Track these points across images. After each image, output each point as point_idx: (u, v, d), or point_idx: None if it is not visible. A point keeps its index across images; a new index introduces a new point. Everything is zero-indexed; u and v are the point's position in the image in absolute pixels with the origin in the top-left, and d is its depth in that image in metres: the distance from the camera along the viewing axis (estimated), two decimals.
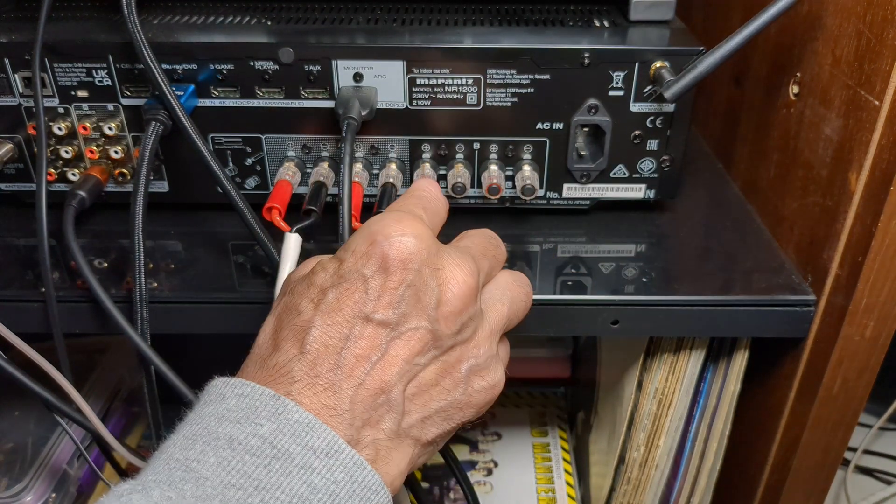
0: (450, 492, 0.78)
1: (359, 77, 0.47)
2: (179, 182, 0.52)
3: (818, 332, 0.47)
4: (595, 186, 0.52)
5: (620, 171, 0.51)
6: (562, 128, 0.49)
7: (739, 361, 0.53)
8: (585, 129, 0.50)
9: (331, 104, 0.48)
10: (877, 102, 0.40)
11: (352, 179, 0.47)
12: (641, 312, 0.47)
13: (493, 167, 0.50)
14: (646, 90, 0.48)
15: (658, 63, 0.46)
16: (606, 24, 0.51)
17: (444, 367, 0.34)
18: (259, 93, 0.48)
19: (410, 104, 0.48)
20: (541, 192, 0.52)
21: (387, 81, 0.47)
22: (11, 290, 0.46)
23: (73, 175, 0.50)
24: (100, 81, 0.48)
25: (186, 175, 0.51)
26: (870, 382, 0.47)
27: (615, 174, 0.51)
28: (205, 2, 0.55)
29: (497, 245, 0.40)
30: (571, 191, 0.52)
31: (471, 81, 0.47)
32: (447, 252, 0.35)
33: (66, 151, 0.49)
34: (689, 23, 0.61)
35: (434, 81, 0.47)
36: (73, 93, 0.48)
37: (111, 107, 0.49)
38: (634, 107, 0.48)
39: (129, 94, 0.48)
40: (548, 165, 0.50)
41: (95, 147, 0.49)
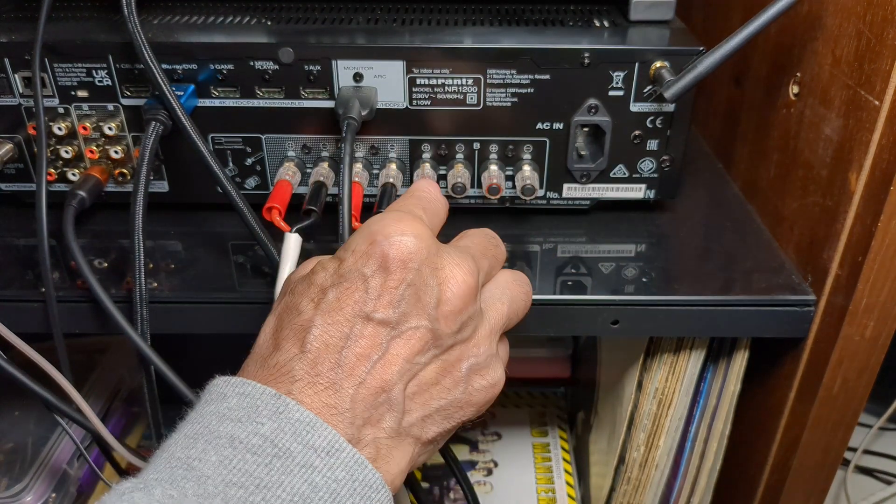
0: (450, 492, 0.78)
1: (359, 77, 0.47)
2: (179, 182, 0.52)
3: (818, 332, 0.47)
4: (595, 186, 0.52)
5: (620, 171, 0.51)
6: (562, 128, 0.49)
7: (739, 361, 0.53)
8: (585, 129, 0.50)
9: (331, 104, 0.48)
10: (877, 102, 0.40)
11: (352, 179, 0.47)
12: (641, 312, 0.47)
13: (493, 167, 0.50)
14: (646, 90, 0.48)
15: (658, 63, 0.46)
16: (606, 24, 0.51)
17: (445, 366, 0.34)
18: (259, 93, 0.48)
19: (410, 104, 0.48)
20: (541, 192, 0.52)
21: (387, 81, 0.47)
22: (11, 290, 0.46)
23: (73, 175, 0.50)
24: (100, 81, 0.48)
25: (186, 175, 0.51)
26: (870, 382, 0.47)
27: (615, 174, 0.51)
28: (205, 2, 0.55)
29: (497, 244, 0.40)
30: (571, 191, 0.52)
31: (471, 81, 0.47)
32: (447, 251, 0.35)
33: (66, 151, 0.49)
34: (689, 23, 0.61)
35: (434, 81, 0.47)
36: (73, 93, 0.48)
37: (111, 107, 0.49)
38: (634, 107, 0.48)
39: (129, 94, 0.48)
40: (548, 165, 0.50)
41: (95, 147, 0.49)
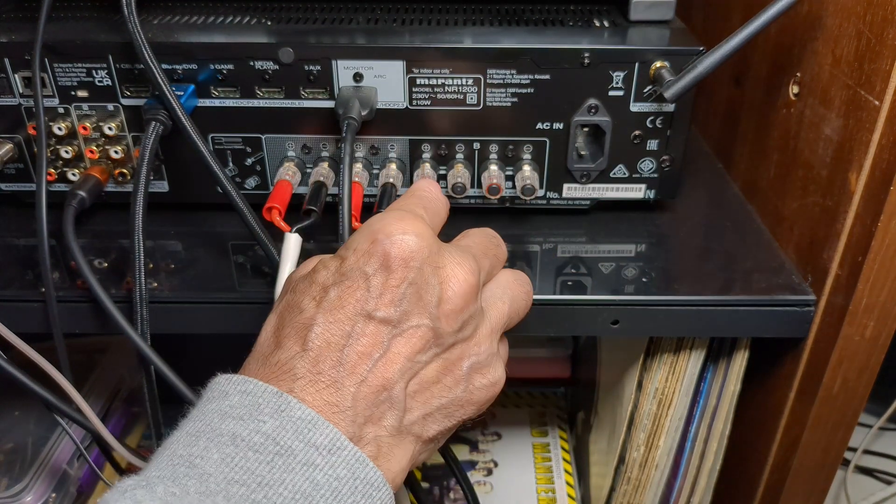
0: (450, 492, 0.78)
1: (359, 77, 0.47)
2: (179, 182, 0.52)
3: (818, 332, 0.47)
4: (595, 186, 0.52)
5: (620, 171, 0.51)
6: (562, 128, 0.49)
7: (739, 361, 0.53)
8: (585, 129, 0.50)
9: (331, 104, 0.48)
10: (877, 102, 0.40)
11: (352, 179, 0.47)
12: (641, 312, 0.47)
13: (493, 167, 0.50)
14: (646, 90, 0.48)
15: (658, 63, 0.46)
16: (606, 24, 0.51)
17: (446, 365, 0.34)
18: (259, 93, 0.48)
19: (410, 104, 0.48)
20: (541, 192, 0.52)
21: (387, 81, 0.47)
22: (11, 290, 0.46)
23: (73, 175, 0.50)
24: (100, 81, 0.48)
25: (186, 175, 0.51)
26: (870, 382, 0.47)
27: (615, 174, 0.51)
28: (205, 2, 0.55)
29: (498, 244, 0.40)
30: (571, 191, 0.52)
31: (471, 81, 0.47)
32: (448, 250, 0.35)
33: (66, 151, 0.49)
34: (689, 23, 0.61)
35: (434, 81, 0.47)
36: (73, 93, 0.48)
37: (111, 107, 0.49)
38: (634, 107, 0.48)
39: (129, 94, 0.48)
40: (548, 165, 0.50)
41: (95, 147, 0.49)
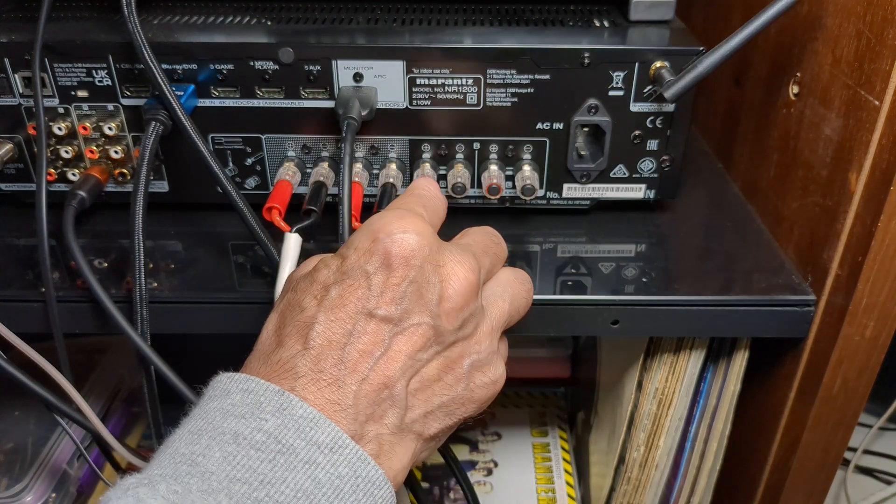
0: (450, 492, 0.78)
1: (359, 77, 0.47)
2: (179, 182, 0.52)
3: (818, 332, 0.47)
4: (595, 186, 0.52)
5: (620, 171, 0.51)
6: (562, 128, 0.49)
7: (739, 361, 0.53)
8: (585, 129, 0.50)
9: (331, 104, 0.48)
10: (877, 102, 0.40)
11: (352, 179, 0.47)
12: (641, 312, 0.47)
13: (493, 167, 0.50)
14: (646, 90, 0.48)
15: (658, 63, 0.46)
16: (606, 24, 0.51)
17: (447, 363, 0.35)
18: (259, 93, 0.48)
19: (410, 104, 0.48)
20: (541, 192, 0.52)
21: (387, 81, 0.47)
22: (11, 290, 0.46)
23: (73, 175, 0.50)
24: (100, 81, 0.48)
25: (186, 175, 0.51)
26: (870, 382, 0.47)
27: (615, 174, 0.51)
28: (205, 2, 0.55)
29: (498, 242, 0.40)
30: (571, 191, 0.52)
31: (471, 81, 0.47)
32: (448, 249, 0.35)
33: (66, 151, 0.49)
34: (689, 23, 0.61)
35: (434, 81, 0.47)
36: (73, 93, 0.48)
37: (111, 107, 0.49)
38: (634, 107, 0.48)
39: (129, 94, 0.48)
40: (548, 165, 0.50)
41: (95, 147, 0.49)
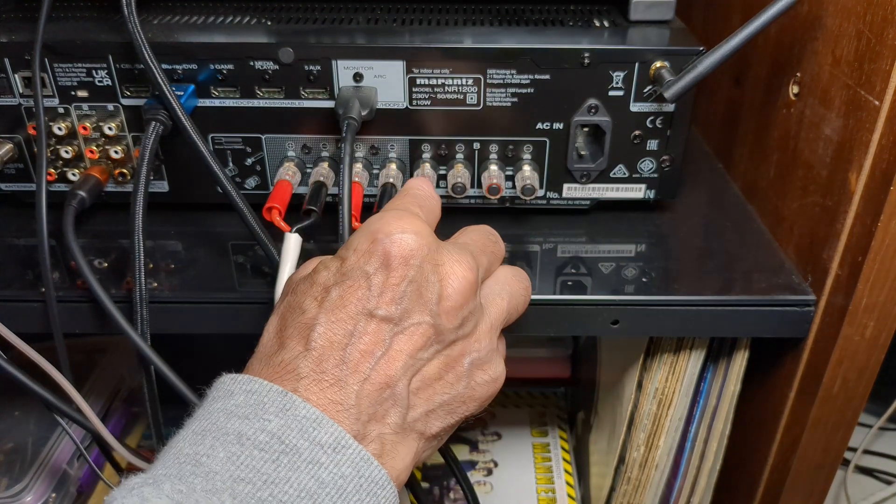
0: (450, 492, 0.78)
1: (359, 77, 0.47)
2: (179, 182, 0.52)
3: (818, 332, 0.47)
4: (595, 186, 0.52)
5: (620, 171, 0.51)
6: (562, 128, 0.49)
7: (739, 361, 0.53)
8: (585, 129, 0.50)
9: (331, 104, 0.48)
10: (877, 102, 0.40)
11: (352, 179, 0.47)
12: (641, 312, 0.47)
13: (493, 167, 0.50)
14: (646, 90, 0.48)
15: (658, 63, 0.46)
16: (606, 24, 0.51)
17: (447, 362, 0.35)
18: (259, 93, 0.48)
19: (410, 104, 0.48)
20: (541, 192, 0.52)
21: (387, 81, 0.47)
22: (11, 290, 0.46)
23: (73, 175, 0.50)
24: (100, 81, 0.48)
25: (186, 175, 0.51)
26: (870, 382, 0.47)
27: (615, 174, 0.51)
28: (205, 2, 0.55)
29: (496, 241, 0.40)
30: (571, 191, 0.52)
31: (471, 81, 0.47)
32: (447, 248, 0.35)
33: (66, 151, 0.49)
34: (689, 23, 0.61)
35: (434, 81, 0.47)
36: (73, 93, 0.48)
37: (111, 107, 0.49)
38: (634, 107, 0.48)
39: (129, 94, 0.48)
40: (548, 165, 0.50)
41: (95, 147, 0.49)
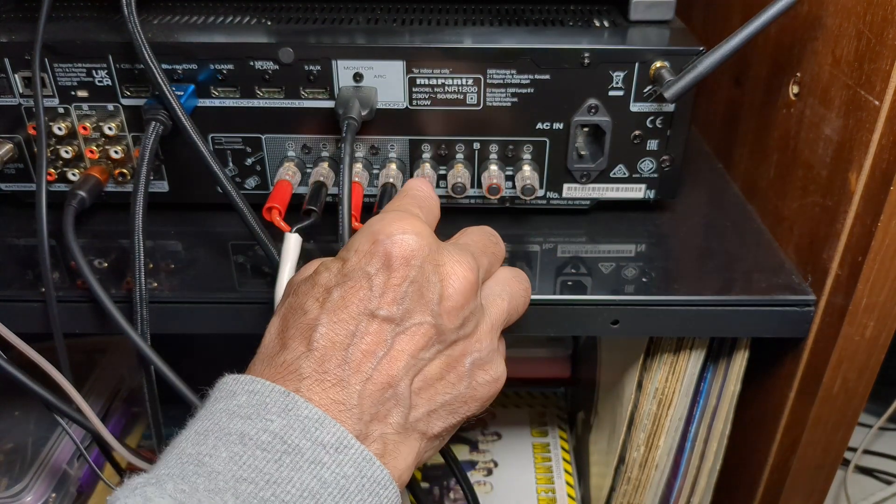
0: (450, 492, 0.78)
1: (359, 77, 0.47)
2: (179, 182, 0.52)
3: (818, 332, 0.47)
4: (595, 186, 0.52)
5: (620, 171, 0.51)
6: (562, 128, 0.49)
7: (739, 361, 0.53)
8: (585, 129, 0.50)
9: (331, 104, 0.48)
10: (877, 102, 0.40)
11: (352, 179, 0.47)
12: (641, 312, 0.47)
13: (493, 167, 0.50)
14: (646, 90, 0.48)
15: (658, 63, 0.46)
16: (606, 24, 0.51)
17: (449, 362, 0.35)
18: (259, 93, 0.48)
19: (410, 104, 0.48)
20: (541, 192, 0.52)
21: (387, 81, 0.47)
22: (11, 290, 0.46)
23: (73, 175, 0.50)
24: (100, 81, 0.48)
25: (186, 175, 0.51)
26: (870, 382, 0.47)
27: (615, 174, 0.51)
28: (205, 2, 0.55)
29: (496, 242, 0.40)
30: (571, 191, 0.52)
31: (471, 81, 0.47)
32: (447, 249, 0.35)
33: (66, 151, 0.49)
34: (689, 23, 0.61)
35: (434, 81, 0.47)
36: (73, 93, 0.48)
37: (111, 107, 0.49)
38: (634, 107, 0.48)
39: (129, 94, 0.48)
40: (548, 165, 0.50)
41: (95, 147, 0.49)
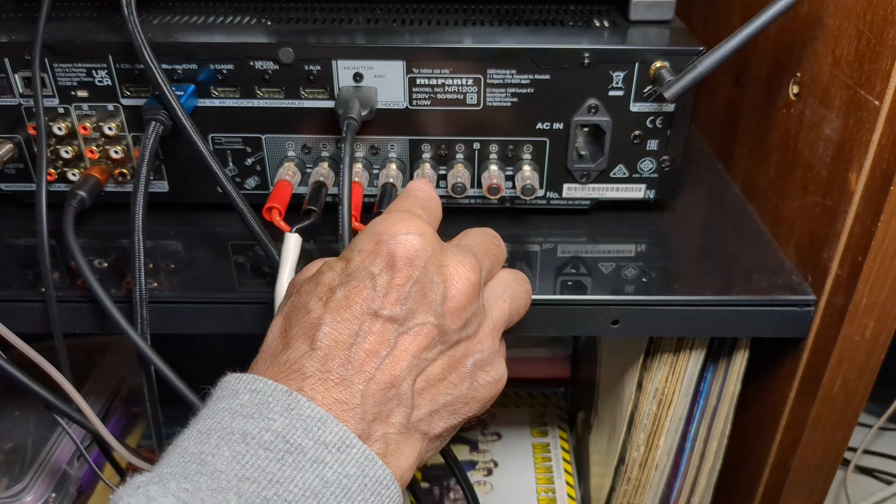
0: (450, 492, 0.78)
1: (359, 77, 0.47)
2: (179, 182, 0.52)
3: (818, 332, 0.47)
4: (595, 186, 0.52)
5: (620, 171, 0.51)
6: (562, 128, 0.49)
7: (739, 361, 0.53)
8: (585, 129, 0.50)
9: (331, 104, 0.48)
10: (877, 102, 0.40)
11: (352, 179, 0.47)
12: (641, 312, 0.47)
13: (493, 167, 0.50)
14: (646, 90, 0.48)
15: (658, 63, 0.46)
16: (606, 24, 0.51)
17: (451, 362, 0.35)
18: (259, 93, 0.48)
19: (410, 104, 0.48)
20: (541, 192, 0.52)
21: (387, 81, 0.47)
22: (11, 290, 0.46)
23: (73, 175, 0.50)
24: (100, 81, 0.48)
25: (186, 175, 0.51)
26: (870, 382, 0.47)
27: (615, 174, 0.51)
28: (205, 2, 0.55)
29: (498, 244, 0.41)
30: (571, 191, 0.52)
31: (471, 81, 0.47)
32: (450, 250, 0.36)
33: (66, 151, 0.49)
34: (689, 23, 0.61)
35: (434, 81, 0.47)
36: (73, 93, 0.48)
37: (111, 107, 0.49)
38: (634, 107, 0.48)
39: (129, 94, 0.48)
40: (548, 165, 0.50)
41: (95, 147, 0.49)
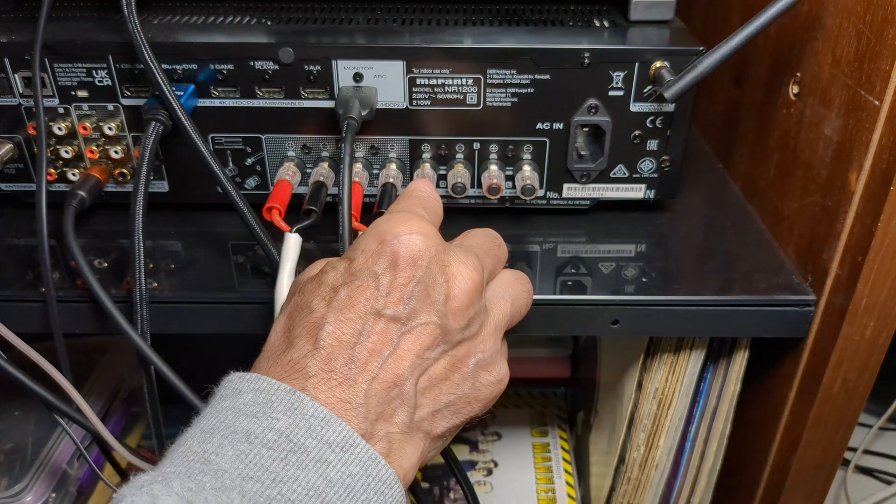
0: (450, 492, 0.78)
1: (359, 77, 0.47)
2: (179, 182, 0.52)
3: (818, 332, 0.47)
4: (595, 186, 0.52)
5: (620, 171, 0.51)
6: (562, 128, 0.49)
7: (739, 361, 0.53)
8: (585, 129, 0.50)
9: (331, 104, 0.48)
10: (877, 102, 0.40)
11: (352, 179, 0.47)
12: (641, 312, 0.47)
13: (493, 167, 0.50)
14: (646, 90, 0.48)
15: (658, 63, 0.46)
16: (606, 24, 0.51)
17: (453, 362, 0.35)
18: (259, 93, 0.48)
19: (410, 104, 0.48)
20: (541, 192, 0.52)
21: (387, 81, 0.47)
22: (11, 290, 0.46)
23: (73, 175, 0.50)
24: (100, 81, 0.48)
25: (186, 175, 0.51)
26: (870, 382, 0.47)
27: (615, 174, 0.51)
28: (205, 2, 0.55)
29: (499, 244, 0.41)
30: (571, 191, 0.52)
31: (471, 81, 0.47)
32: (453, 250, 0.36)
33: (66, 151, 0.49)
34: (689, 23, 0.61)
35: (434, 81, 0.47)
36: (73, 93, 0.48)
37: (111, 107, 0.49)
38: (634, 107, 0.48)
39: (129, 94, 0.48)
40: (548, 165, 0.50)
41: (95, 147, 0.49)
